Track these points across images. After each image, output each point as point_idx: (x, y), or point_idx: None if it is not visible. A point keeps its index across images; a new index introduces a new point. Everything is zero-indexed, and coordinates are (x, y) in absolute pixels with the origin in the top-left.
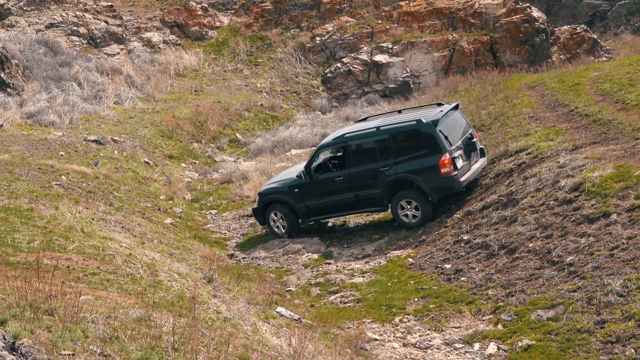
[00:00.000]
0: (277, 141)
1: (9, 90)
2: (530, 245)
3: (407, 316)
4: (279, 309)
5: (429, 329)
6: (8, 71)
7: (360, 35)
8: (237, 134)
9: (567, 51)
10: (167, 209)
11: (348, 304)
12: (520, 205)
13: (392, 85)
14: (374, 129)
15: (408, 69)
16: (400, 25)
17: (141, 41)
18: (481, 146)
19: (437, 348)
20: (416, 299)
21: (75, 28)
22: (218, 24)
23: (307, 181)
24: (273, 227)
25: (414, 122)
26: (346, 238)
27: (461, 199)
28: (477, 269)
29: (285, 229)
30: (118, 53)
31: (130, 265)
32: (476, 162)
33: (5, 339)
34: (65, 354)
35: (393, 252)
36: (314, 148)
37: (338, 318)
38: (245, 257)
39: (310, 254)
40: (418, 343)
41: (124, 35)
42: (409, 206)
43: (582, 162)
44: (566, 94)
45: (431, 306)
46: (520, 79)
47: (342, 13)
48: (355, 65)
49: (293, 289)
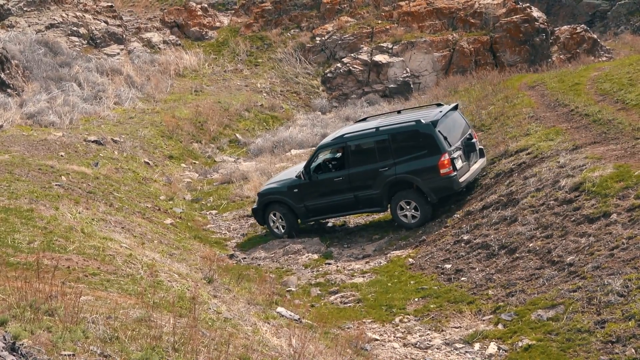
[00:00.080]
0: (277, 141)
1: (9, 90)
2: (530, 245)
3: (408, 316)
4: (279, 309)
5: (429, 329)
6: (8, 72)
7: (360, 35)
8: (237, 134)
9: (567, 51)
10: (167, 210)
11: (348, 304)
12: (520, 205)
13: (392, 85)
14: (373, 130)
15: (408, 69)
16: (400, 25)
17: (141, 41)
18: (480, 146)
19: (438, 348)
20: (416, 299)
21: (75, 28)
22: (218, 24)
23: (307, 181)
24: (272, 228)
25: (413, 123)
26: (346, 238)
27: (461, 199)
28: (478, 269)
29: (284, 229)
30: (118, 53)
31: (130, 265)
32: (475, 163)
33: (5, 340)
34: (65, 355)
35: (393, 252)
36: (314, 148)
37: (338, 318)
38: (245, 258)
39: (310, 254)
40: (418, 343)
41: (124, 35)
42: (408, 206)
43: (582, 162)
44: (566, 94)
45: (431, 306)
46: (520, 79)
47: (342, 13)
48: (355, 65)
49: (293, 289)
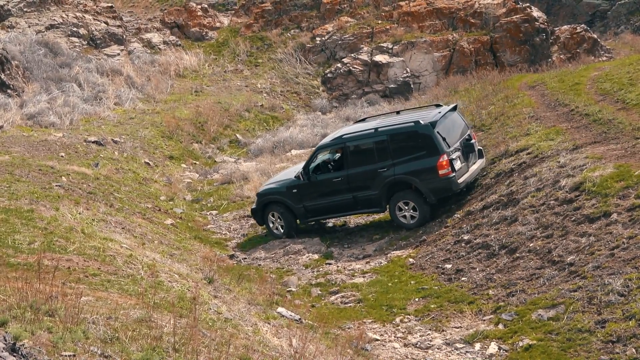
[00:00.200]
0: (278, 142)
1: (9, 91)
2: (530, 245)
3: (408, 316)
4: (280, 310)
5: (430, 329)
6: (8, 72)
7: (360, 35)
8: (238, 135)
9: (567, 51)
10: (168, 210)
11: (349, 304)
12: (520, 205)
13: (393, 85)
14: (372, 130)
15: (408, 69)
16: (400, 25)
17: (141, 42)
18: (479, 147)
19: (438, 348)
20: (417, 299)
21: (75, 29)
22: (218, 25)
23: (306, 182)
24: (272, 228)
25: (412, 124)
26: (347, 238)
27: (462, 199)
28: (478, 269)
29: (283, 230)
30: (118, 54)
31: (130, 266)
32: (474, 164)
33: (6, 340)
34: (66, 355)
35: (394, 252)
36: (314, 148)
37: (339, 318)
38: (245, 258)
39: (310, 255)
40: (419, 343)
41: (124, 36)
42: (407, 207)
43: (583, 162)
44: (566, 94)
45: (432, 306)
46: (520, 79)
47: (342, 13)
48: (355, 65)
49: (294, 290)
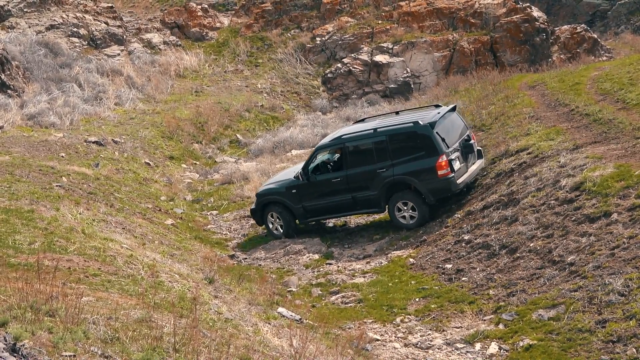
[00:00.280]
0: (278, 142)
1: (10, 91)
2: (531, 244)
3: (408, 316)
4: (280, 310)
5: (430, 329)
6: (8, 73)
7: (360, 35)
8: (238, 135)
9: (568, 51)
10: (168, 210)
11: (349, 305)
12: (521, 204)
13: (393, 85)
14: (371, 131)
15: (408, 69)
16: (400, 25)
17: (141, 42)
18: (479, 148)
19: (439, 348)
20: (417, 299)
21: (75, 29)
22: (218, 25)
23: (305, 182)
24: (271, 228)
25: (411, 124)
26: (347, 238)
27: (462, 199)
28: (478, 269)
29: (283, 230)
30: (118, 54)
31: (131, 266)
32: (473, 164)
33: (6, 341)
34: (66, 355)
35: (394, 252)
36: (314, 149)
37: (339, 318)
38: (246, 258)
39: (311, 255)
40: (419, 343)
41: (124, 36)
42: (406, 207)
43: (583, 162)
44: (566, 94)
45: (432, 306)
46: (520, 79)
47: (343, 13)
48: (355, 65)
49: (294, 290)
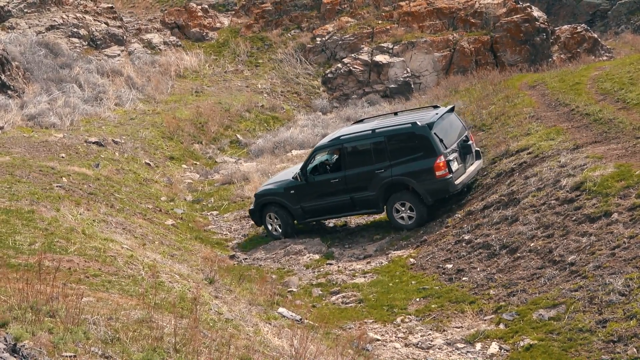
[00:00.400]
0: (278, 142)
1: (10, 92)
2: (531, 244)
3: (409, 316)
4: (281, 310)
5: (431, 329)
6: (9, 73)
7: (360, 35)
8: (238, 135)
9: (568, 50)
10: (168, 211)
11: (350, 305)
12: (521, 204)
13: (393, 85)
14: (370, 132)
15: (409, 69)
16: (400, 25)
17: (141, 42)
18: (477, 148)
19: (439, 348)
20: (418, 299)
21: (75, 30)
22: (218, 25)
23: (303, 183)
24: (270, 229)
25: (409, 125)
26: (347, 238)
27: (462, 199)
28: (479, 269)
29: (281, 230)
30: (118, 54)
31: (131, 266)
32: (472, 165)
33: (6, 341)
34: (66, 356)
35: (394, 252)
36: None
37: (340, 318)
38: (246, 258)
39: (311, 255)
40: (420, 343)
41: (125, 36)
42: (404, 208)
43: (583, 162)
44: (567, 93)
45: (433, 306)
46: (520, 79)
47: (343, 13)
48: (355, 65)
49: (294, 290)
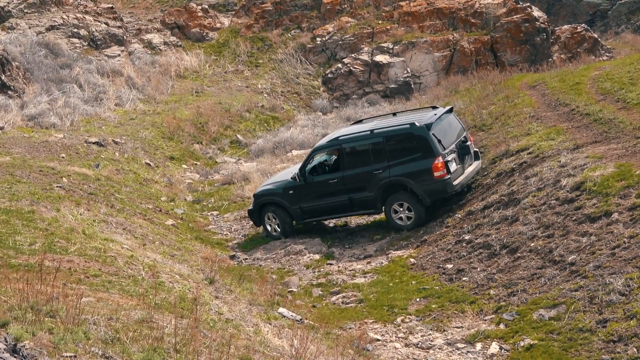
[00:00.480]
0: (278, 142)
1: (10, 92)
2: (531, 244)
3: (409, 316)
4: (281, 310)
5: (431, 329)
6: (9, 73)
7: (360, 35)
8: (238, 135)
9: (568, 50)
10: (169, 211)
11: (350, 305)
12: (521, 204)
13: (393, 85)
14: (368, 132)
15: (409, 69)
16: (400, 25)
17: (142, 43)
18: (476, 149)
19: (439, 348)
20: (418, 299)
21: (75, 30)
22: (218, 25)
23: (302, 183)
24: (269, 229)
25: (408, 126)
26: (348, 238)
27: (462, 199)
28: (479, 269)
29: (280, 230)
30: (119, 55)
31: (131, 266)
32: (470, 166)
33: (7, 341)
34: (67, 356)
35: (394, 253)
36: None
37: (340, 319)
38: (246, 258)
39: (311, 255)
40: (420, 343)
41: (125, 37)
42: (402, 208)
43: (583, 161)
44: (567, 93)
45: (433, 306)
46: (521, 79)
47: (343, 13)
48: (355, 65)
49: (295, 290)
